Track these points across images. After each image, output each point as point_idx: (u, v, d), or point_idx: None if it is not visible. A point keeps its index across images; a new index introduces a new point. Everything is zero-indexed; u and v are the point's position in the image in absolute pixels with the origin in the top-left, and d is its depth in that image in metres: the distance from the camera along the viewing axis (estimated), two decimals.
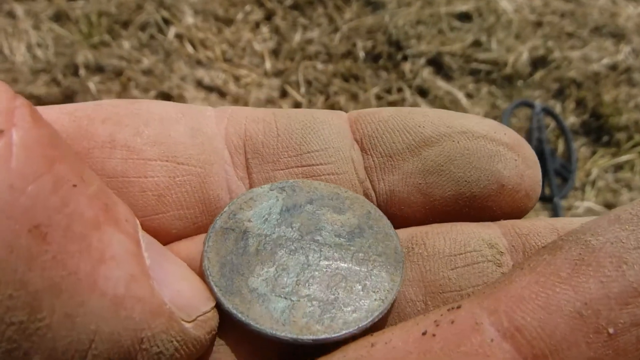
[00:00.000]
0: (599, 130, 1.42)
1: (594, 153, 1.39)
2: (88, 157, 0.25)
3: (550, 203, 1.29)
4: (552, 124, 1.41)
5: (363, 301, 0.25)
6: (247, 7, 1.53)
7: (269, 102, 1.39)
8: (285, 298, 0.25)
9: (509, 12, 1.51)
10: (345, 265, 0.27)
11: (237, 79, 1.42)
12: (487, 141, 0.27)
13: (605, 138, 1.40)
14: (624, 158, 1.37)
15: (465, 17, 1.52)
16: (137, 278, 0.19)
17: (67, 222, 0.17)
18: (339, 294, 0.26)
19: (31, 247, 0.16)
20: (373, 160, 0.28)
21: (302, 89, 1.40)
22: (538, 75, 1.45)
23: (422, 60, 1.44)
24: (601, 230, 0.20)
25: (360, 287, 0.26)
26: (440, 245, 0.26)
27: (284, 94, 1.41)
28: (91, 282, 0.17)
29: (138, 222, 0.21)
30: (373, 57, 1.46)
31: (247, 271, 0.26)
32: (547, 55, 1.47)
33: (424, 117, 0.28)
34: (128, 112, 0.27)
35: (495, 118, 1.43)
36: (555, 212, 1.27)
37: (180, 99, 1.35)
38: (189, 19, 1.47)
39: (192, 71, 1.40)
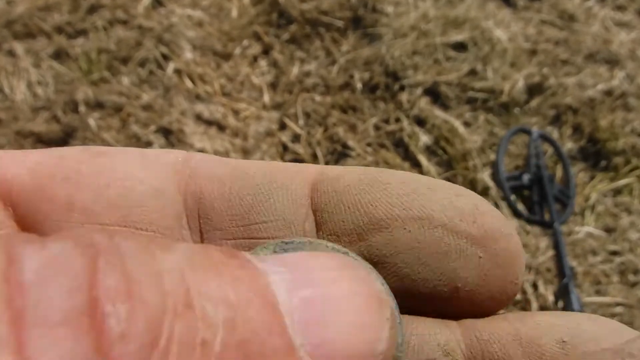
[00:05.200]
0: (596, 155, 1.43)
1: (592, 178, 1.40)
2: (47, 220, 0.24)
3: (550, 229, 1.29)
4: (550, 150, 1.42)
5: None
6: (245, 42, 1.55)
7: (268, 135, 1.40)
8: None
9: (503, 41, 1.53)
10: None
11: (236, 112, 1.43)
12: (446, 233, 0.22)
13: (603, 163, 1.41)
14: (622, 182, 1.38)
15: (460, 46, 1.54)
16: None
17: None
18: None
19: None
20: (323, 238, 0.24)
21: (301, 121, 1.41)
22: (534, 102, 1.47)
23: (419, 90, 1.45)
24: None
25: None
26: None
27: (282, 126, 1.42)
28: None
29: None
30: (370, 88, 1.47)
31: None
32: (542, 82, 1.49)
33: (383, 190, 0.23)
34: (90, 170, 0.25)
35: (493, 145, 1.45)
36: (555, 238, 1.27)
37: (180, 133, 1.36)
38: (188, 55, 1.49)
39: (192, 106, 1.41)
